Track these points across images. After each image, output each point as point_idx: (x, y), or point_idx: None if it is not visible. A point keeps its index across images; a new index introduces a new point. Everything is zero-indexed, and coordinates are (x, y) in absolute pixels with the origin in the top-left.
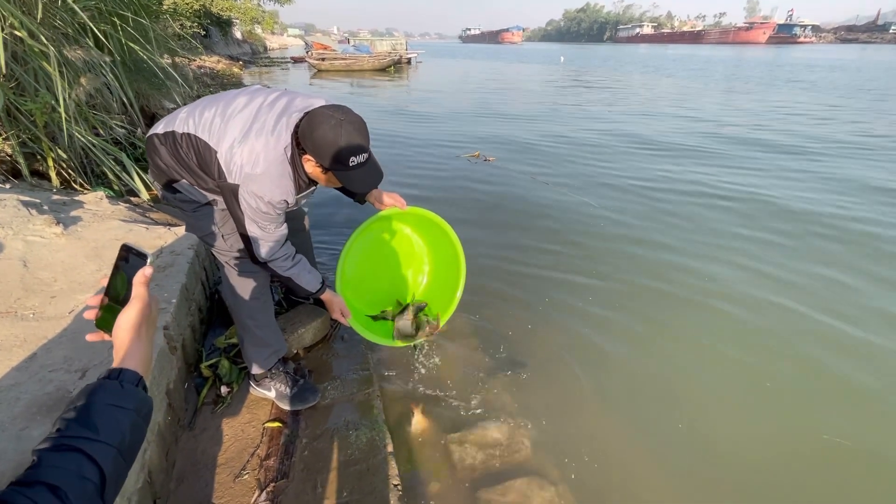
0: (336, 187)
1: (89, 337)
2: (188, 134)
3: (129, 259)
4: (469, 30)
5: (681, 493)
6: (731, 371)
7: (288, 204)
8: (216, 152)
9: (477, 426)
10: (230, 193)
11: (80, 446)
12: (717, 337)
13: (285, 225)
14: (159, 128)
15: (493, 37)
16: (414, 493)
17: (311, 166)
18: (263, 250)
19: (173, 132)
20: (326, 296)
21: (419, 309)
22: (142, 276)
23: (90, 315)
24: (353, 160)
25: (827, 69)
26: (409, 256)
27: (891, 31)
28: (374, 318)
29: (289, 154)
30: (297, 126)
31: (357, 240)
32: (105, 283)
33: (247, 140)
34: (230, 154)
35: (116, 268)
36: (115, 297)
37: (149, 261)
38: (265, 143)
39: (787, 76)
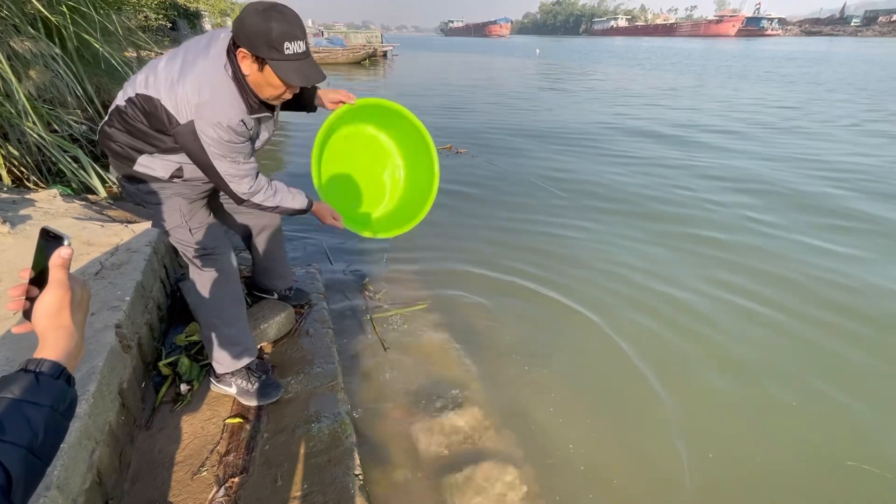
0: (284, 101)
1: (15, 329)
2: (129, 98)
3: (49, 242)
4: (451, 22)
5: (646, 479)
6: (719, 368)
7: (246, 126)
8: (159, 100)
9: (444, 414)
10: (190, 136)
11: None
12: (699, 332)
13: (254, 158)
14: (106, 117)
15: (480, 29)
16: (378, 482)
17: (247, 65)
18: (243, 185)
19: (117, 107)
20: (315, 207)
21: None
22: (58, 258)
23: (15, 307)
24: (288, 46)
25: (811, 62)
26: (379, 155)
27: (852, 23)
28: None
29: (230, 71)
30: (229, 44)
31: (323, 146)
32: (25, 275)
33: (184, 74)
34: (173, 93)
35: (39, 252)
36: (42, 284)
37: (66, 242)
38: (202, 68)
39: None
